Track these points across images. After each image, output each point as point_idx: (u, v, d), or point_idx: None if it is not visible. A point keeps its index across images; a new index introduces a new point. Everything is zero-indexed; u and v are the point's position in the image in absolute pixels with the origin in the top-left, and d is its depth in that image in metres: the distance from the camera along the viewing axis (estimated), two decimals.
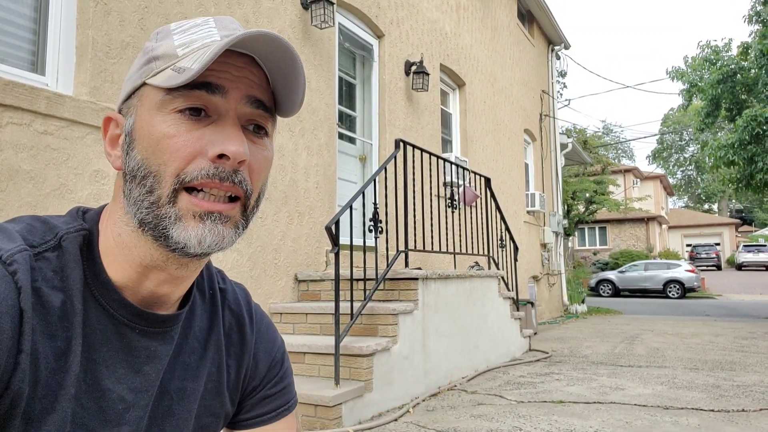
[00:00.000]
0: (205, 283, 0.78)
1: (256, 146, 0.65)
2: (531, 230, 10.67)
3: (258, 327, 0.83)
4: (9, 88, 2.68)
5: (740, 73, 11.20)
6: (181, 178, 0.60)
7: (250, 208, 0.66)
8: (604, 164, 21.23)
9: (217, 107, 0.62)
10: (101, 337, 0.63)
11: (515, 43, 10.54)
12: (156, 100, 0.62)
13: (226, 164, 0.61)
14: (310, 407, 3.31)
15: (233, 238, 0.63)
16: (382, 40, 6.24)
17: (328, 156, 5.19)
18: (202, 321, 0.76)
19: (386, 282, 4.31)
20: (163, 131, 0.60)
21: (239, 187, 0.62)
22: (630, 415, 3.58)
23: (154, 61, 0.64)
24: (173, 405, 0.70)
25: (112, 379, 0.63)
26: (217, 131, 0.61)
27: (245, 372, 0.80)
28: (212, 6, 3.99)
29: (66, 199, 2.94)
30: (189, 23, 0.66)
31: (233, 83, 0.62)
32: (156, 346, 0.67)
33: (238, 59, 0.63)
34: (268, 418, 0.82)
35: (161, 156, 0.60)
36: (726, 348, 6.74)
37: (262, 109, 0.65)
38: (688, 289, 19.60)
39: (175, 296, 0.69)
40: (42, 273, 0.59)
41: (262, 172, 0.66)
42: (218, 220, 0.61)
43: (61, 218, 0.66)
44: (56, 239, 0.62)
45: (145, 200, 0.61)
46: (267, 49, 0.62)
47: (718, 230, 38.56)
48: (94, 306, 0.62)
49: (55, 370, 0.58)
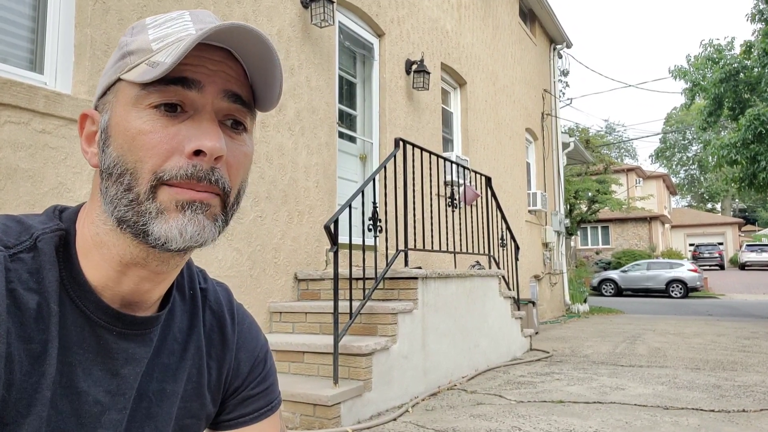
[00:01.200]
0: (185, 282, 0.77)
1: (234, 142, 0.64)
2: (533, 229, 10.65)
3: (240, 327, 0.82)
4: (7, 86, 2.68)
5: (743, 71, 11.15)
6: (158, 175, 0.59)
7: (230, 205, 0.65)
8: (606, 163, 21.21)
9: (194, 102, 0.61)
10: (77, 340, 0.62)
11: (517, 42, 10.52)
12: (131, 96, 0.61)
13: (203, 161, 0.60)
14: (309, 406, 3.30)
15: (213, 231, 0.62)
16: (382, 39, 6.23)
17: (328, 155, 5.18)
18: (182, 322, 0.75)
19: (386, 281, 4.30)
20: (138, 127, 0.59)
21: (216, 186, 0.61)
22: (630, 415, 3.57)
23: (129, 56, 0.63)
24: (152, 407, 0.69)
25: (89, 382, 0.62)
26: (193, 127, 0.60)
27: (227, 372, 0.79)
28: (211, 4, 3.98)
29: (64, 197, 2.93)
30: (164, 17, 0.65)
31: (209, 77, 0.61)
32: (134, 349, 0.66)
33: (214, 53, 0.62)
34: (251, 419, 0.81)
35: (137, 153, 0.59)
36: (728, 348, 6.72)
37: (239, 103, 0.64)
38: (691, 288, 19.56)
39: (155, 295, 0.68)
40: (17, 274, 0.58)
41: (240, 168, 0.65)
42: (198, 210, 0.60)
43: (37, 218, 0.65)
44: (32, 240, 0.61)
45: (123, 198, 0.60)
46: (243, 42, 0.61)
47: (721, 230, 38.46)
48: (70, 308, 0.61)
49: (31, 373, 0.57)
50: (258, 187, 4.32)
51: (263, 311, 4.30)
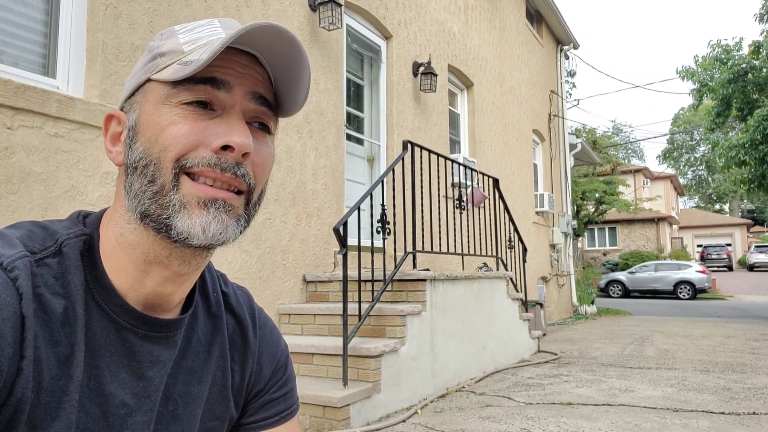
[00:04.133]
0: (208, 286, 0.78)
1: (260, 143, 0.66)
2: (540, 231, 10.63)
3: (262, 331, 0.83)
4: (21, 91, 2.71)
5: (751, 72, 11.08)
6: (181, 163, 0.60)
7: (253, 203, 0.66)
8: (613, 164, 21.11)
9: (222, 102, 0.62)
10: (104, 342, 0.63)
11: (524, 43, 10.51)
12: (161, 95, 0.62)
13: (229, 156, 0.61)
14: (319, 408, 3.32)
15: (236, 230, 0.63)
16: (389, 41, 6.24)
17: (336, 157, 5.20)
18: (206, 325, 0.76)
19: (394, 283, 4.31)
20: (170, 119, 0.61)
21: (241, 180, 0.63)
22: (639, 418, 3.56)
23: (160, 58, 0.64)
24: (178, 410, 0.70)
25: (115, 384, 0.63)
26: (222, 124, 0.62)
27: (249, 376, 0.80)
28: (221, 9, 4.01)
29: (77, 201, 2.96)
30: (193, 24, 0.68)
31: (238, 79, 0.63)
32: (159, 351, 0.67)
33: (242, 57, 0.64)
34: (272, 422, 0.82)
35: (163, 142, 0.61)
36: (737, 350, 6.68)
37: (266, 106, 0.66)
38: (699, 290, 19.43)
39: (177, 297, 0.69)
40: (43, 279, 0.59)
41: (265, 168, 0.67)
42: (222, 209, 0.61)
43: (61, 223, 0.66)
44: (57, 245, 0.63)
45: (147, 190, 0.61)
46: (272, 43, 0.63)
47: (729, 231, 38.22)
48: (96, 311, 0.63)
49: (59, 376, 0.58)
50: (267, 190, 4.34)
51: (272, 313, 4.32)
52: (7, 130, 2.67)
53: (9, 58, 2.89)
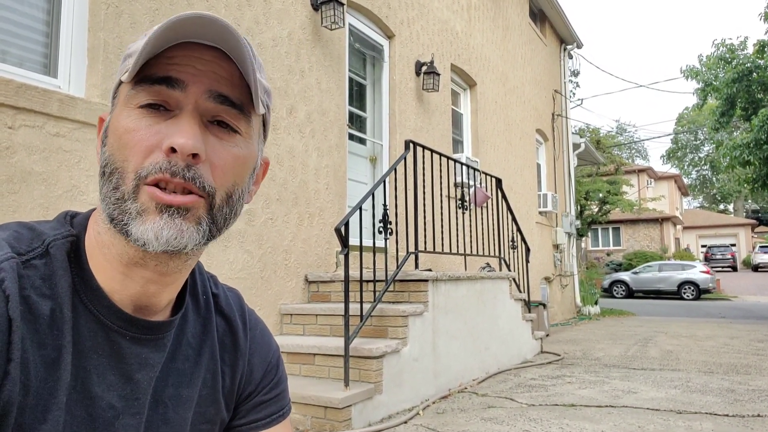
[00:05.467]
0: (198, 288, 0.77)
1: (223, 143, 0.63)
2: (543, 231, 10.60)
3: (252, 333, 0.83)
4: (22, 90, 2.70)
5: (756, 71, 11.02)
6: (139, 173, 0.59)
7: (217, 207, 0.63)
8: (617, 164, 21.09)
9: (178, 102, 0.61)
10: (91, 345, 0.62)
11: (527, 43, 10.48)
12: (125, 97, 0.62)
13: (178, 158, 0.59)
14: (320, 409, 3.31)
15: (196, 235, 0.61)
16: (392, 41, 6.23)
17: (338, 157, 5.19)
18: (195, 327, 0.75)
19: (396, 283, 4.30)
20: (126, 126, 0.60)
21: (192, 184, 0.60)
22: (642, 420, 3.54)
23: (128, 59, 0.63)
24: (168, 412, 0.69)
25: (102, 387, 0.63)
26: (172, 125, 0.60)
27: (240, 378, 0.79)
28: (222, 8, 4.00)
29: (78, 200, 2.96)
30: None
31: (195, 77, 0.61)
32: (148, 353, 0.66)
33: (205, 52, 0.61)
34: (264, 424, 0.81)
35: (123, 151, 0.60)
36: (741, 351, 6.65)
37: (227, 104, 0.62)
38: (703, 290, 19.35)
39: (164, 299, 0.68)
40: (30, 281, 0.58)
41: (228, 169, 0.63)
42: (176, 214, 0.59)
43: (48, 224, 0.66)
44: (43, 246, 0.62)
45: (112, 196, 0.60)
46: (224, 34, 0.60)
47: (733, 231, 38.10)
48: (83, 313, 0.62)
49: (46, 379, 0.58)
50: (269, 190, 4.33)
51: (274, 313, 4.31)
52: (9, 129, 2.66)
53: (10, 57, 2.88)
